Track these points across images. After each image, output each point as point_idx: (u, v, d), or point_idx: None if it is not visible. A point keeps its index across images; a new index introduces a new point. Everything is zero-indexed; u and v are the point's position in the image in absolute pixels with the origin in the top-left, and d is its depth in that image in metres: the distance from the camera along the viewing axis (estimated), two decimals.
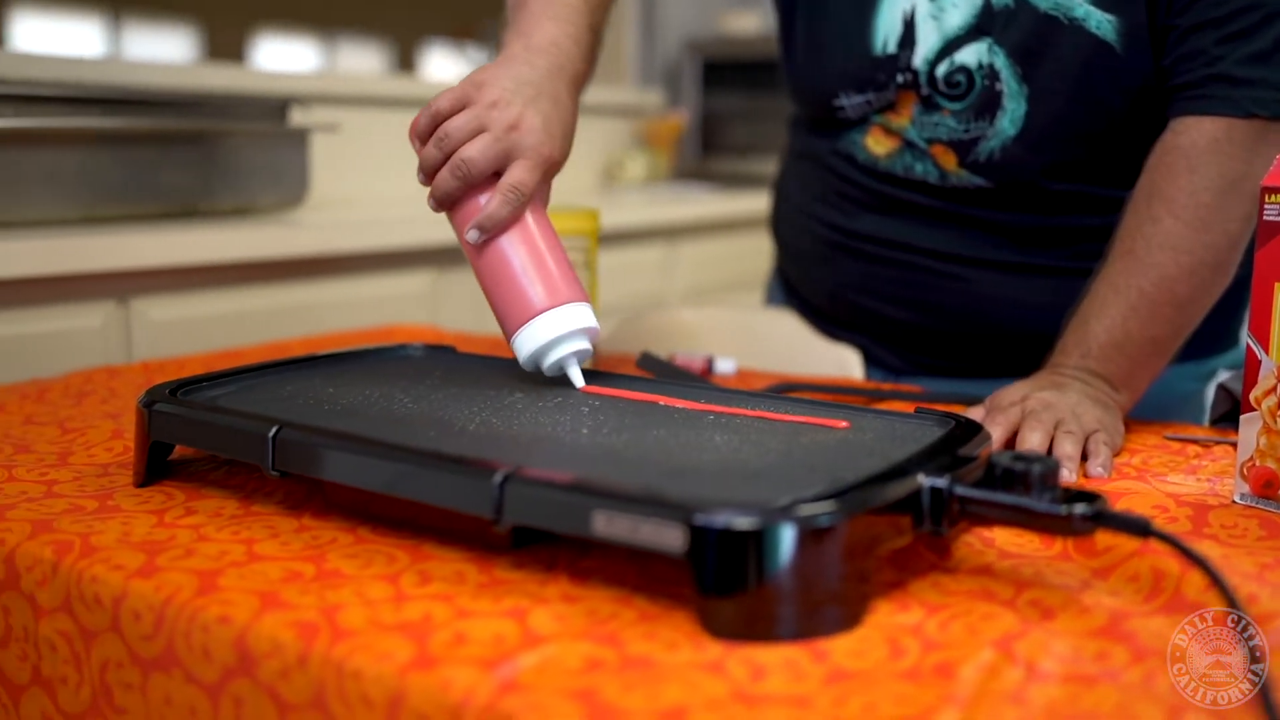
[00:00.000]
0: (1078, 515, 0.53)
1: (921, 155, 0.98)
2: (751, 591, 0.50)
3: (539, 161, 0.78)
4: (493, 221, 0.76)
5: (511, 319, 0.77)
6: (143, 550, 0.60)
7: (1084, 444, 0.76)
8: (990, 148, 0.95)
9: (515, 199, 0.76)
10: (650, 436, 0.66)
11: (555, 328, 0.75)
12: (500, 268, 0.77)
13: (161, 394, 0.72)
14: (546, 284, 0.76)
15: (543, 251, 0.77)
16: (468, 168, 0.76)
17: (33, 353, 1.19)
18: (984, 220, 0.99)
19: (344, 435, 0.63)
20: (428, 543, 0.62)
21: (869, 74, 0.99)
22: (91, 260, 1.20)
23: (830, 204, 1.07)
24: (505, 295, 0.77)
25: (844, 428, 0.68)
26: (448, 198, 0.78)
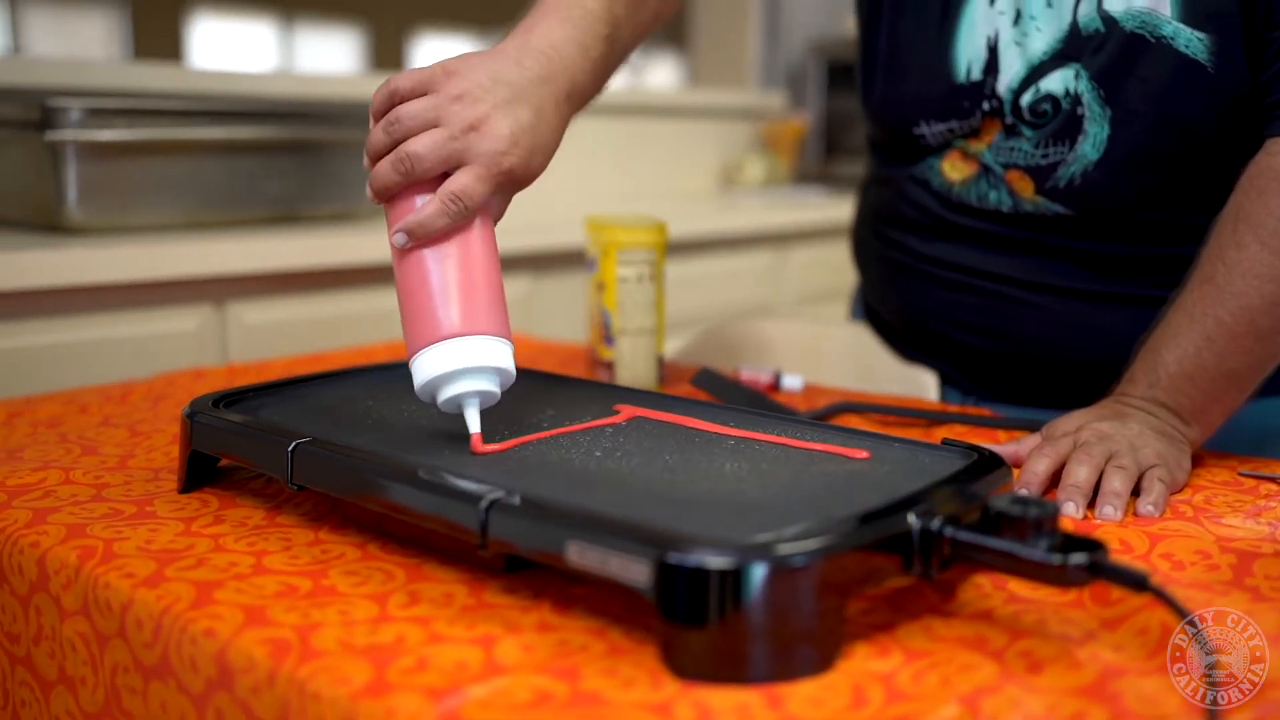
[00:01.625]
0: (1072, 565, 0.51)
1: (997, 182, 0.94)
2: (714, 631, 0.49)
3: (494, 172, 0.70)
4: (424, 229, 0.68)
5: (415, 339, 0.68)
6: (156, 559, 0.62)
7: (1139, 479, 0.72)
8: (1070, 173, 0.90)
9: (454, 211, 0.68)
10: (659, 462, 0.65)
11: (459, 358, 0.66)
12: (418, 280, 0.68)
13: (205, 404, 0.75)
14: (464, 308, 0.67)
15: (471, 272, 0.68)
16: (411, 163, 0.68)
17: (131, 355, 1.25)
18: (1061, 248, 0.94)
19: (353, 452, 0.64)
20: (430, 561, 0.62)
21: (952, 102, 0.95)
22: (190, 265, 1.26)
23: (904, 228, 1.03)
24: (415, 311, 0.68)
25: (862, 458, 0.66)
26: (385, 191, 0.70)
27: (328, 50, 10.14)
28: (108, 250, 1.25)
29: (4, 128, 1.39)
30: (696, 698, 0.48)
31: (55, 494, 0.73)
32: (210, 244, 1.31)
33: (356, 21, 10.26)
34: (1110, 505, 0.70)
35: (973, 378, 1.03)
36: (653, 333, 1.04)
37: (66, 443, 0.85)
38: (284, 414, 0.74)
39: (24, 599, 0.65)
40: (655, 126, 2.48)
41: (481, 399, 0.67)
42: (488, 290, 0.69)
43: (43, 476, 0.76)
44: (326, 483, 0.65)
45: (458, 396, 0.66)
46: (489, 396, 0.67)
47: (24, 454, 0.82)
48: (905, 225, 1.03)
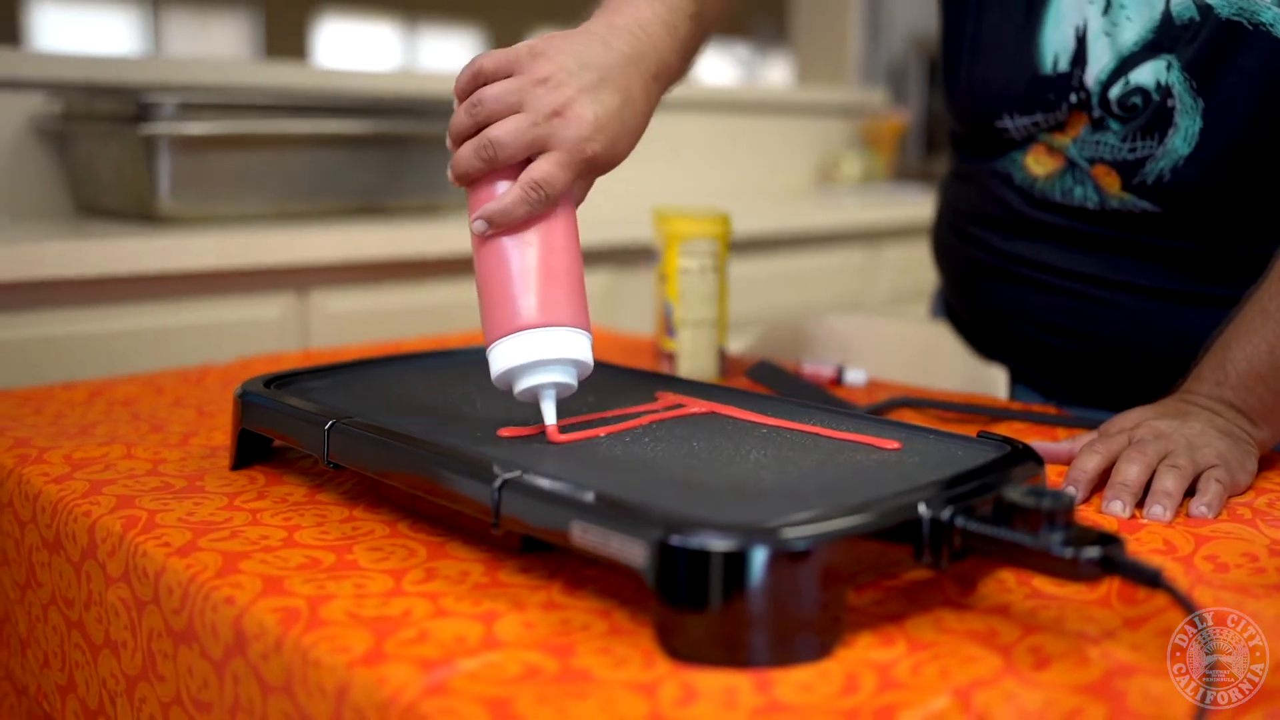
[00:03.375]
0: (1084, 560, 0.49)
1: (1082, 177, 0.91)
2: (709, 615, 0.49)
3: (576, 159, 0.68)
4: (504, 217, 0.67)
5: (493, 327, 0.67)
6: (194, 530, 0.64)
7: (1195, 480, 0.69)
8: (1159, 169, 0.87)
9: (536, 199, 0.67)
10: (685, 448, 0.65)
11: (537, 350, 0.66)
12: (498, 268, 0.68)
13: (256, 385, 0.78)
14: (543, 298, 0.67)
15: (552, 261, 0.68)
16: (494, 149, 0.67)
17: (215, 341, 1.30)
18: (1148, 247, 0.90)
19: (381, 432, 0.66)
20: (454, 540, 0.63)
21: (1037, 94, 0.91)
22: (275, 254, 1.30)
23: (985, 225, 1.01)
24: (494, 299, 0.67)
25: (892, 448, 0.65)
26: (466, 176, 0.69)
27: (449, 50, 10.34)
28: (196, 239, 1.30)
29: (103, 122, 1.45)
30: (684, 679, 0.47)
31: (115, 467, 0.76)
32: (295, 234, 1.35)
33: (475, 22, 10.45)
34: (1159, 505, 0.67)
35: (1053, 379, 1.00)
36: (714, 324, 1.04)
37: (136, 420, 0.88)
38: (330, 396, 0.76)
39: (76, 565, 0.68)
40: (756, 123, 2.47)
41: (558, 390, 0.67)
42: (568, 280, 0.68)
43: (106, 451, 0.79)
44: (357, 461, 0.66)
45: (534, 387, 0.66)
46: (565, 388, 0.67)
47: (96, 430, 0.86)
48: (986, 222, 1.00)
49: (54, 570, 0.71)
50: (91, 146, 1.50)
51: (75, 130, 1.52)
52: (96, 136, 1.48)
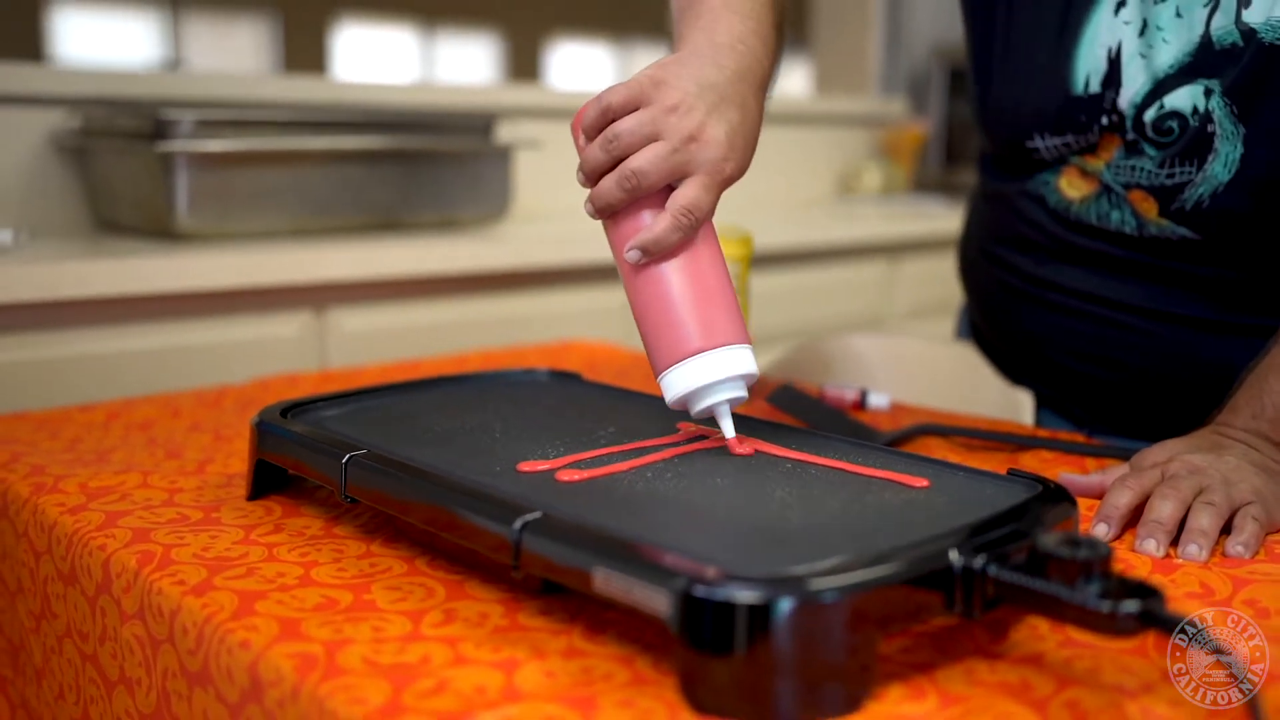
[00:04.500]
0: (1122, 614, 0.47)
1: (1119, 201, 0.89)
2: (735, 667, 0.48)
3: (718, 180, 0.70)
4: (659, 245, 0.69)
5: (663, 355, 0.70)
6: (208, 567, 0.63)
7: (1230, 517, 0.68)
8: (1198, 195, 0.85)
9: (688, 223, 0.69)
10: (708, 485, 0.64)
11: (710, 372, 0.68)
12: (658, 296, 0.70)
13: (273, 414, 0.77)
14: (706, 322, 0.69)
15: (708, 283, 0.70)
16: (638, 179, 0.68)
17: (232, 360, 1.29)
18: (1185, 274, 0.88)
19: (401, 467, 0.65)
20: (473, 579, 0.62)
21: (1069, 114, 0.89)
22: (292, 272, 1.29)
23: (1016, 248, 0.99)
24: (659, 327, 0.70)
25: (921, 487, 0.63)
26: (609, 208, 0.70)
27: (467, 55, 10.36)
28: (214, 257, 1.29)
29: (122, 138, 1.45)
30: None
31: (130, 497, 0.75)
32: (313, 251, 1.34)
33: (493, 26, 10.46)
34: (1195, 544, 0.65)
35: (1082, 406, 0.98)
36: None
37: (153, 446, 0.88)
38: (347, 425, 0.75)
39: (91, 599, 0.68)
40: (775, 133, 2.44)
41: (732, 404, 0.70)
42: (723, 298, 0.70)
43: (122, 479, 0.79)
44: (375, 497, 0.65)
45: (711, 406, 0.70)
46: (738, 400, 0.70)
47: (112, 456, 0.85)
48: (1017, 244, 0.98)
49: (69, 603, 0.70)
50: (110, 162, 1.49)
51: (94, 146, 1.52)
52: (115, 152, 1.48)
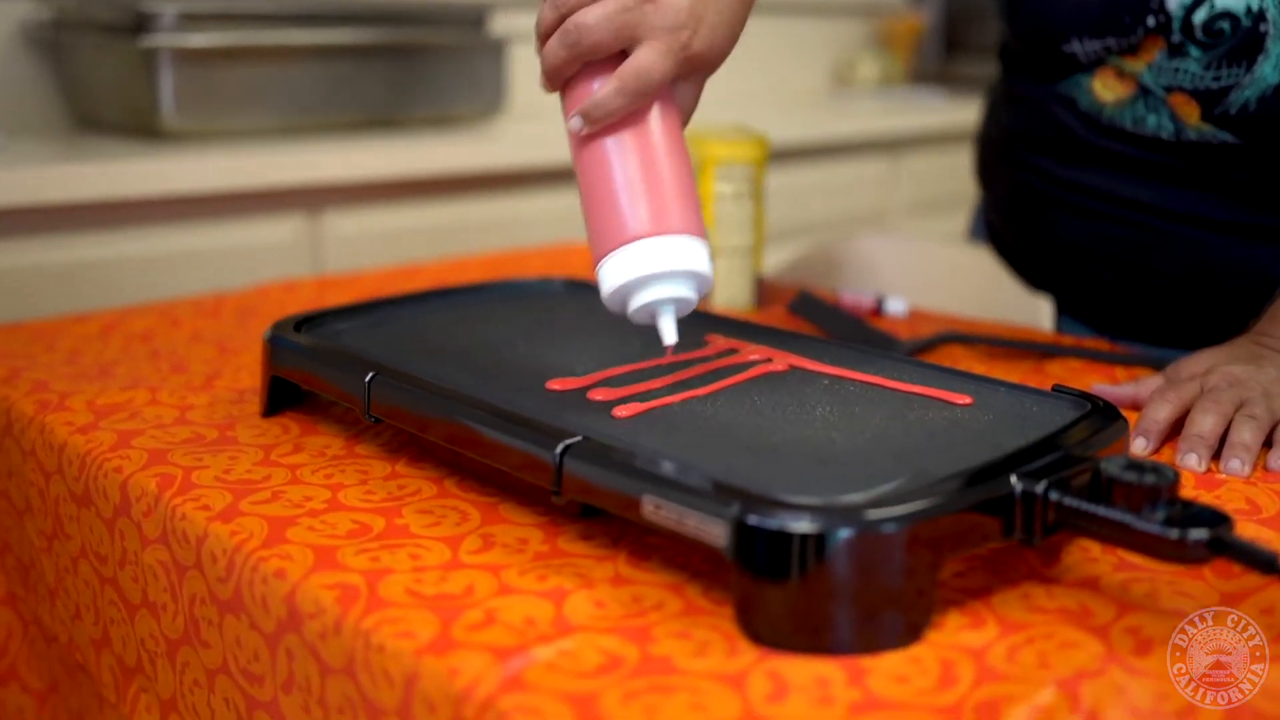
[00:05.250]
0: (1192, 541, 0.46)
1: (1156, 105, 0.85)
2: (794, 598, 0.47)
3: (674, 48, 0.62)
4: (600, 110, 0.61)
5: (602, 239, 0.62)
6: (233, 491, 0.61)
7: (1271, 431, 0.67)
8: (1245, 98, 0.81)
9: (635, 88, 0.61)
10: (747, 403, 0.62)
11: (653, 262, 0.60)
12: (600, 172, 0.62)
13: (286, 327, 0.74)
14: (654, 205, 0.61)
15: (659, 164, 0.62)
16: (579, 34, 0.62)
17: (224, 266, 1.26)
18: (1222, 179, 0.85)
19: (429, 387, 0.62)
20: (507, 501, 0.61)
21: (1112, 15, 0.85)
22: (283, 174, 1.25)
23: (1041, 150, 0.96)
24: (600, 208, 0.62)
25: (964, 404, 0.62)
26: (555, 72, 0.63)
27: None
28: (202, 159, 1.25)
29: (99, 32, 1.38)
30: (772, 668, 0.45)
31: (141, 415, 0.73)
32: (304, 151, 1.29)
33: None
34: (1237, 459, 0.64)
35: (1107, 313, 0.96)
36: (750, 252, 1.00)
37: (156, 359, 0.85)
38: (365, 340, 0.73)
39: (109, 522, 0.66)
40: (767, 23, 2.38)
41: (677, 306, 0.61)
42: (678, 184, 0.62)
43: (130, 396, 0.76)
44: (403, 418, 0.63)
45: (651, 304, 0.61)
46: (685, 304, 0.61)
47: (115, 370, 0.82)
48: (1042, 147, 0.95)
49: (83, 524, 0.69)
50: (88, 58, 1.43)
51: (70, 41, 1.46)
52: (93, 47, 1.41)
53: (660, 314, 0.61)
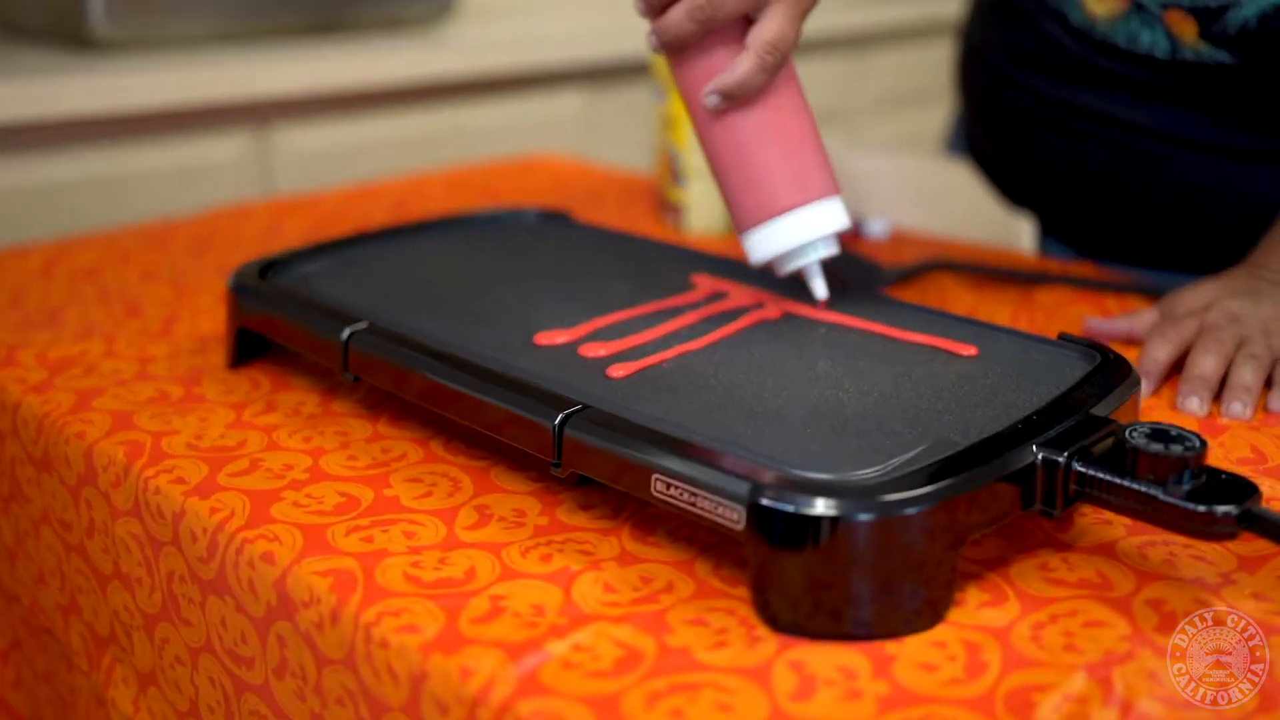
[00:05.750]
0: (1219, 515, 0.45)
1: (1151, 21, 0.82)
2: (814, 582, 0.45)
3: (803, 8, 0.62)
4: (743, 89, 0.61)
5: (749, 211, 0.64)
6: (208, 460, 0.58)
7: (1271, 370, 0.66)
8: (1244, 16, 0.78)
9: (773, 62, 0.61)
10: (744, 358, 0.59)
11: (804, 230, 0.63)
12: (742, 146, 0.63)
13: (251, 274, 0.70)
14: (798, 174, 0.63)
15: (795, 130, 0.64)
16: (712, 8, 0.60)
17: (168, 189, 1.19)
18: (1217, 101, 0.83)
19: (412, 345, 0.59)
20: (498, 464, 0.58)
21: None
22: (225, 87, 1.17)
23: (1029, 67, 0.92)
24: (744, 181, 0.64)
25: (970, 355, 0.60)
26: (678, 42, 0.62)
27: None
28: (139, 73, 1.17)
29: None
30: (794, 658, 0.43)
31: (98, 370, 0.69)
32: (248, 61, 1.22)
33: None
34: (1239, 401, 0.64)
35: (1093, 236, 0.94)
36: None
37: (108, 302, 0.81)
38: (337, 287, 0.69)
39: (73, 490, 0.62)
40: None
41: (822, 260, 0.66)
42: (813, 145, 0.64)
43: (85, 349, 0.72)
44: (385, 379, 0.60)
45: (804, 266, 0.65)
46: (830, 256, 0.66)
47: (64, 316, 0.78)
48: (1030, 64, 0.92)
49: (44, 489, 0.65)
50: None
51: None
52: None
53: (810, 274, 0.65)
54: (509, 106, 1.46)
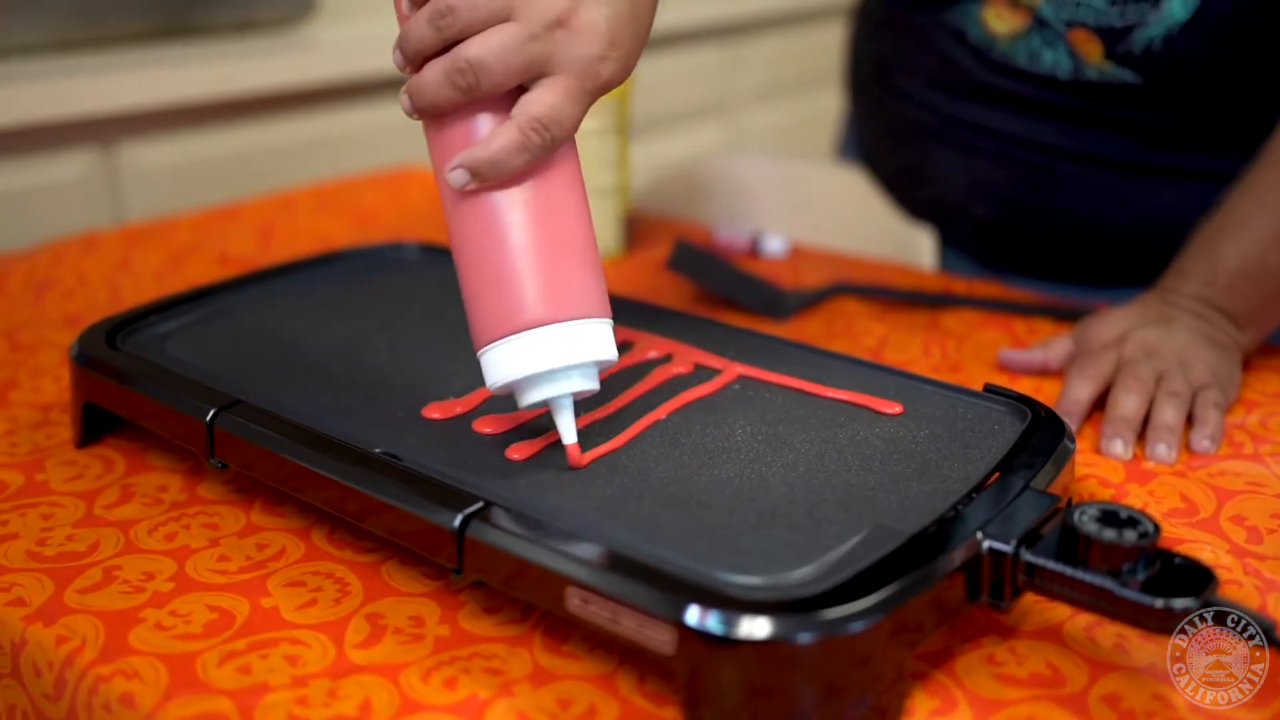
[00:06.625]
0: (1178, 610, 0.42)
1: (1054, 40, 0.79)
2: (749, 708, 0.41)
3: (588, 86, 0.50)
4: (494, 168, 0.49)
5: (488, 322, 0.50)
6: (53, 575, 0.51)
7: (1191, 405, 0.64)
8: (1149, 36, 0.76)
9: (539, 143, 0.49)
10: (657, 429, 0.55)
11: (555, 355, 0.49)
12: (488, 238, 0.50)
13: (97, 339, 0.62)
14: (555, 281, 0.50)
15: (561, 228, 0.50)
16: (475, 76, 0.48)
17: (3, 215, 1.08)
18: (1119, 120, 0.80)
19: (287, 429, 0.52)
20: (390, 558, 0.52)
21: None
22: (64, 100, 1.07)
23: (926, 84, 0.89)
24: (486, 282, 0.50)
25: (894, 413, 0.56)
26: (434, 109, 0.50)
27: None
28: None
29: None
30: None
31: None
32: (90, 71, 1.12)
33: None
34: (1164, 443, 0.61)
35: (991, 251, 0.92)
36: (617, 192, 0.92)
37: None
38: (193, 352, 0.62)
39: None
40: None
41: (576, 396, 0.51)
42: (582, 251, 0.51)
43: None
44: (258, 468, 0.53)
45: (547, 400, 0.51)
46: (586, 393, 0.51)
47: None
48: (927, 80, 0.88)
49: None
50: None
51: None
52: None
53: (557, 410, 0.51)
54: (377, 112, 1.37)
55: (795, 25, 2.08)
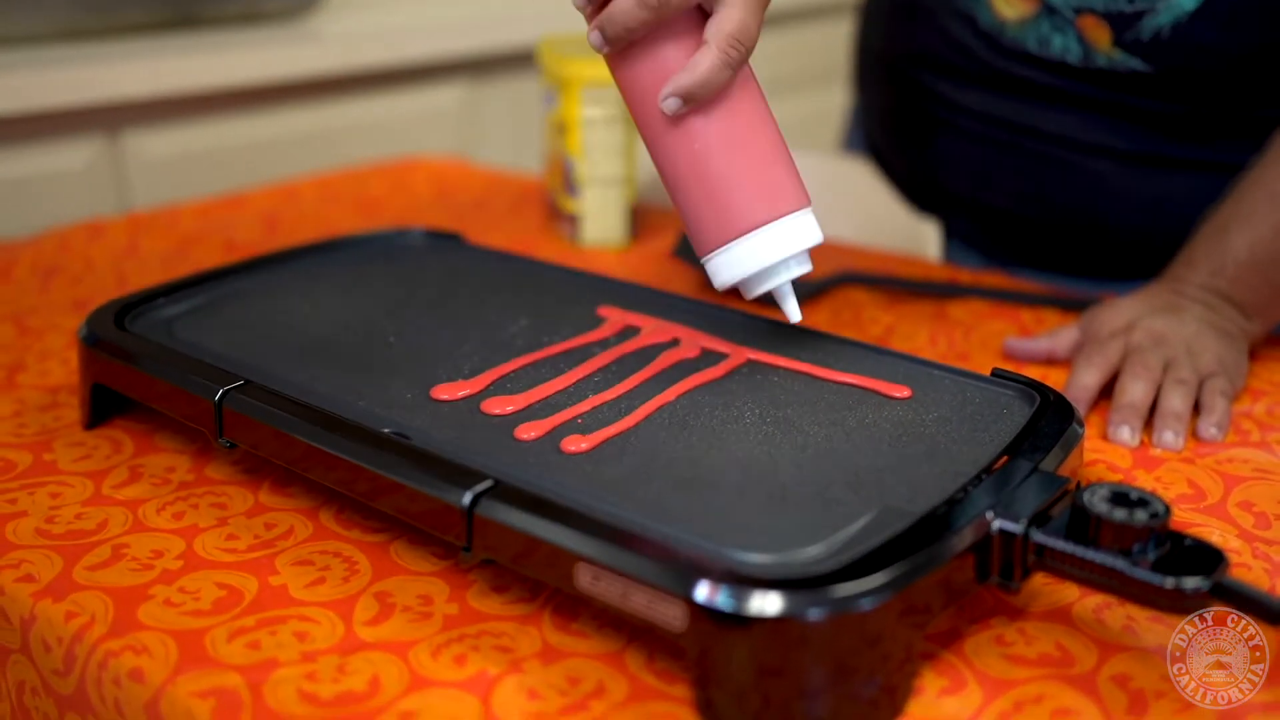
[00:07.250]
0: (1189, 590, 0.42)
1: (1063, 26, 0.79)
2: (759, 686, 0.41)
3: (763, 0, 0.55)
4: (705, 88, 0.54)
5: (713, 230, 0.57)
6: (62, 552, 0.51)
7: (1198, 393, 0.64)
8: (1158, 24, 0.75)
9: (737, 57, 0.54)
10: (666, 411, 0.54)
11: (777, 248, 0.56)
12: (703, 157, 0.55)
13: (105, 320, 0.62)
14: (768, 185, 0.56)
15: (761, 135, 0.56)
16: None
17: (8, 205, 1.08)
18: (1128, 108, 0.80)
19: (295, 409, 0.53)
20: (399, 537, 0.52)
21: None
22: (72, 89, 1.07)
23: (934, 71, 0.88)
24: (707, 196, 0.56)
25: (903, 398, 0.56)
26: (628, 35, 0.54)
27: None
28: None
29: None
30: None
31: None
32: (97, 60, 1.12)
33: None
34: (1171, 430, 0.61)
35: (1002, 245, 0.91)
36: (623, 182, 0.92)
37: None
38: (202, 333, 0.62)
39: None
40: None
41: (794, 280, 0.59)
42: (782, 153, 0.57)
43: None
44: (266, 447, 0.53)
45: (774, 288, 0.58)
46: (803, 274, 0.59)
47: None
48: (936, 67, 0.88)
49: None
50: None
51: None
52: None
53: (781, 296, 0.59)
54: (382, 103, 1.37)
55: (800, 21, 2.08)
